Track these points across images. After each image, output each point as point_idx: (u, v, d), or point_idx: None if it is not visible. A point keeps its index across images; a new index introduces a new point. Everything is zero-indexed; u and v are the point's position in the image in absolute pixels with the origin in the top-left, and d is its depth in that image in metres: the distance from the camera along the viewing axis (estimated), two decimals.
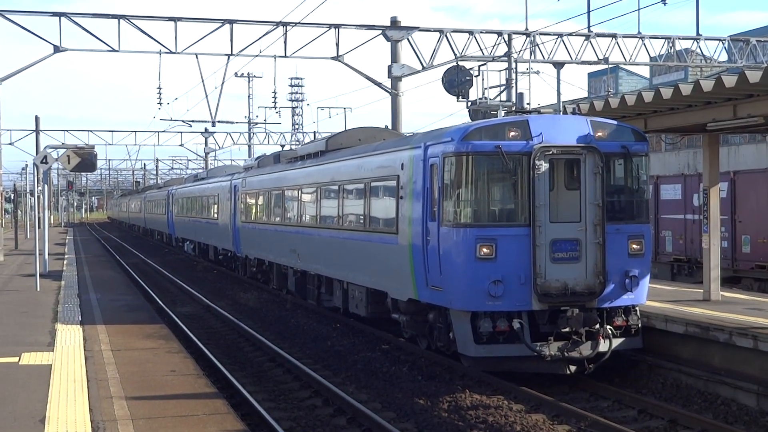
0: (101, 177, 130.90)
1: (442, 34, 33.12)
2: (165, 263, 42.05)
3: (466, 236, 14.27)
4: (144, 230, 73.37)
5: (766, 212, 25.37)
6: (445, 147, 14.79)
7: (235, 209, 32.22)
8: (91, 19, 31.88)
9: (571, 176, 14.51)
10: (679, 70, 49.90)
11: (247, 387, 14.44)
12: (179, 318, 22.26)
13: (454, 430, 12.03)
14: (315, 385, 14.70)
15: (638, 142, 15.00)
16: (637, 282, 14.63)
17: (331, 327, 20.98)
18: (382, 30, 32.13)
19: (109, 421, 10.65)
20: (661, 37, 36.75)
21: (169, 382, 13.12)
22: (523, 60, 33.22)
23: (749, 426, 12.16)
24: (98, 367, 14.05)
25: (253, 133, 69.86)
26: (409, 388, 14.57)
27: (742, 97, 14.92)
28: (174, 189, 52.44)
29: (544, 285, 14.17)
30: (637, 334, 14.83)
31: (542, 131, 14.35)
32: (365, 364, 16.66)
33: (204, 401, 11.81)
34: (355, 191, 19.36)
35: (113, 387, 12.58)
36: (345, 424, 12.54)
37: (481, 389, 14.15)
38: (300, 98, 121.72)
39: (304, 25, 32.37)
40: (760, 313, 15.66)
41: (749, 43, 37.75)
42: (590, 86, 60.95)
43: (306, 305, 24.24)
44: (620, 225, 14.65)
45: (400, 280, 16.59)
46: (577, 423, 12.17)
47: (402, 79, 32.18)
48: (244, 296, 27.78)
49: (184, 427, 10.50)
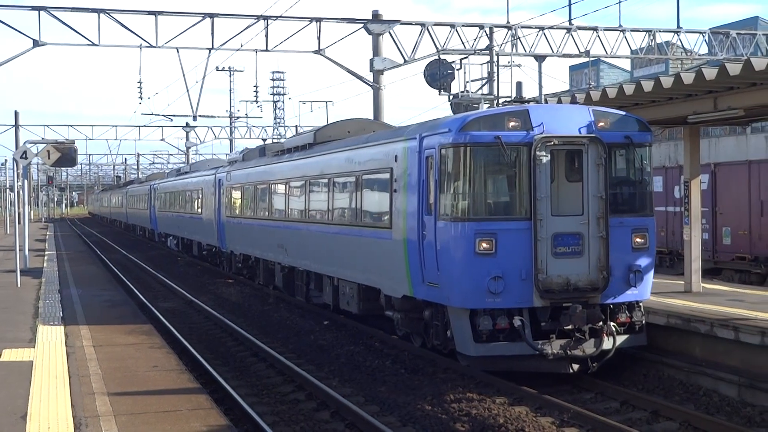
0: (82, 172, 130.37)
1: (423, 28, 33.11)
2: (147, 258, 41.89)
3: (464, 230, 13.76)
4: (126, 225, 72.99)
5: (747, 204, 25.53)
6: (442, 138, 14.24)
7: (220, 203, 31.75)
8: (71, 13, 31.61)
9: (571, 168, 14.06)
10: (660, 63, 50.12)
11: (230, 382, 14.40)
12: (161, 313, 22.19)
13: (437, 423, 12.04)
14: (298, 380, 14.68)
15: (642, 132, 14.50)
16: (641, 277, 14.19)
17: (314, 321, 20.95)
18: (363, 23, 32.08)
19: (91, 417, 10.60)
20: (642, 30, 36.87)
21: (152, 377, 13.07)
22: (505, 53, 33.22)
23: (731, 417, 12.22)
24: (80, 362, 13.98)
25: (234, 128, 69.65)
26: (393, 381, 14.58)
27: (722, 90, 14.99)
28: (156, 183, 51.93)
29: (546, 281, 13.69)
30: (641, 330, 14.39)
31: (543, 121, 13.83)
32: (348, 358, 16.65)
33: (187, 396, 11.77)
34: (345, 184, 18.82)
35: (95, 383, 12.52)
36: (328, 418, 12.54)
37: (464, 382, 14.16)
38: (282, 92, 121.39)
39: (285, 19, 32.27)
40: (741, 305, 15.75)
41: (729, 36, 37.94)
42: (572, 79, 61.05)
43: (289, 300, 24.20)
44: (624, 218, 14.18)
45: (394, 276, 16.09)
46: (560, 415, 12.21)
47: (384, 72, 32.15)
48: (226, 291, 27.73)
49: (167, 422, 10.46)
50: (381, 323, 18.57)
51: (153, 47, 32.29)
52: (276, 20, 32.21)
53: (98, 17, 31.29)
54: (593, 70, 55.25)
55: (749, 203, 25.44)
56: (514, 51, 34.49)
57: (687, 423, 11.85)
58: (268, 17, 32.13)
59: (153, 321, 20.59)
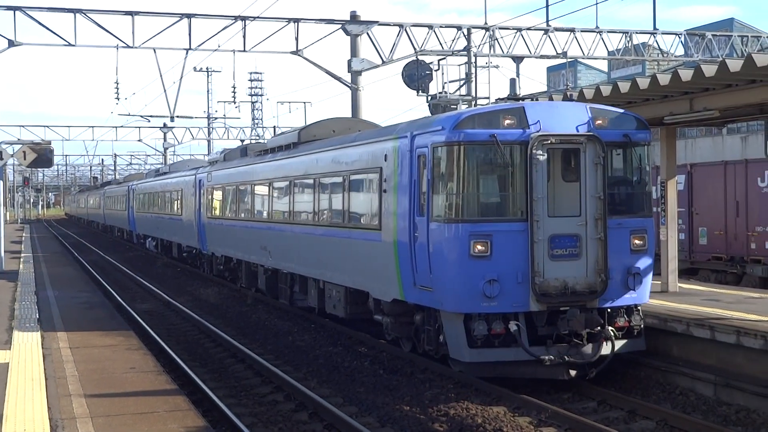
0: (58, 173, 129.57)
1: (401, 29, 33.15)
2: (125, 260, 41.69)
3: (458, 232, 13.26)
4: (104, 227, 72.58)
5: (723, 205, 25.72)
6: (434, 136, 13.77)
7: (200, 204, 31.16)
8: (47, 13, 31.45)
9: (568, 167, 13.58)
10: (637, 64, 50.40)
11: (209, 383, 14.36)
12: (139, 315, 22.09)
13: (415, 424, 12.05)
14: (277, 381, 14.65)
15: (640, 131, 14.06)
16: (640, 280, 13.78)
17: (293, 322, 20.92)
18: (341, 24, 32.08)
19: (68, 419, 10.53)
20: (619, 32, 37.11)
21: (129, 379, 13.00)
22: (483, 54, 33.36)
23: (707, 415, 12.31)
24: (56, 364, 13.89)
25: (212, 128, 69.45)
26: (371, 382, 14.58)
27: (698, 91, 15.09)
28: (135, 184, 51.30)
29: (543, 284, 13.22)
30: (639, 335, 13.97)
31: (540, 119, 13.36)
32: (327, 359, 16.64)
33: (164, 398, 11.71)
34: (332, 185, 18.24)
35: (72, 385, 12.44)
36: (307, 419, 12.52)
37: (443, 382, 14.18)
38: (259, 93, 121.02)
39: (263, 20, 32.22)
40: (717, 304, 15.86)
41: (705, 38, 38.23)
42: (549, 80, 61.30)
43: (267, 301, 24.15)
44: (622, 219, 13.74)
45: (383, 279, 15.60)
46: (538, 414, 12.25)
47: (362, 73, 32.15)
48: (204, 292, 27.63)
49: (144, 424, 10.41)
50: (368, 327, 18.17)
51: (130, 47, 32.19)
52: (254, 21, 32.17)
53: (74, 17, 31.15)
54: (570, 71, 55.51)
55: (725, 204, 25.63)
56: (492, 52, 34.63)
57: (664, 422, 11.91)
58: (245, 18, 32.08)
59: (130, 323, 20.49)
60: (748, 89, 14.17)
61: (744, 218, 24.95)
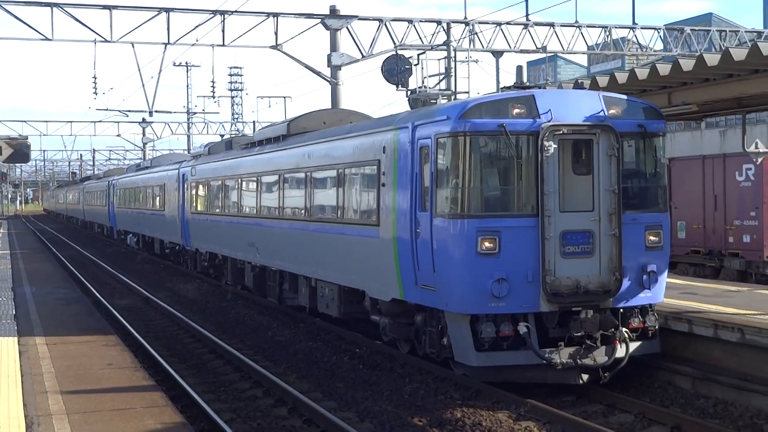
0: (36, 168, 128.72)
1: (381, 23, 33.10)
2: (104, 256, 41.47)
3: (464, 228, 12.50)
4: (83, 223, 72.08)
5: (701, 199, 25.83)
6: (438, 127, 12.99)
7: (184, 200, 30.27)
8: (24, 6, 31.18)
9: (578, 159, 12.81)
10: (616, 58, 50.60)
11: (187, 379, 14.28)
12: (117, 310, 21.97)
13: (395, 418, 12.03)
14: (256, 376, 14.60)
15: (655, 120, 13.35)
16: (656, 278, 13.06)
17: (272, 317, 20.86)
18: (321, 19, 31.99)
19: (44, 415, 10.44)
20: (598, 26, 37.20)
21: (106, 375, 12.92)
22: (462, 49, 33.34)
23: (685, 408, 12.36)
24: (32, 361, 13.78)
25: (191, 123, 69.19)
26: (351, 377, 14.55)
27: (676, 85, 15.14)
28: (115, 179, 50.51)
29: (554, 283, 12.51)
30: (654, 336, 13.30)
31: (551, 108, 12.60)
32: (306, 354, 16.60)
33: (141, 394, 11.64)
34: (326, 179, 17.45)
35: (48, 381, 12.35)
36: (286, 414, 12.48)
37: (421, 377, 14.17)
38: (239, 88, 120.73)
39: (241, 14, 32.06)
40: (695, 298, 15.91)
41: (684, 32, 38.39)
42: (529, 75, 61.44)
43: (248, 297, 24.06)
44: (637, 214, 13.02)
45: (382, 277, 14.80)
46: (517, 408, 12.25)
47: (342, 68, 32.09)
48: (184, 288, 27.51)
49: (121, 420, 10.34)
50: (362, 328, 17.56)
51: (108, 42, 31.96)
52: (232, 15, 32.02)
53: (51, 11, 30.88)
54: (550, 65, 55.71)
55: (703, 198, 25.75)
56: (472, 46, 34.64)
57: (642, 415, 11.95)
58: (224, 12, 31.93)
59: (108, 319, 20.38)
60: (726, 83, 14.24)
61: (722, 212, 25.07)
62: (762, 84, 13.78)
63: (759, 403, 12.03)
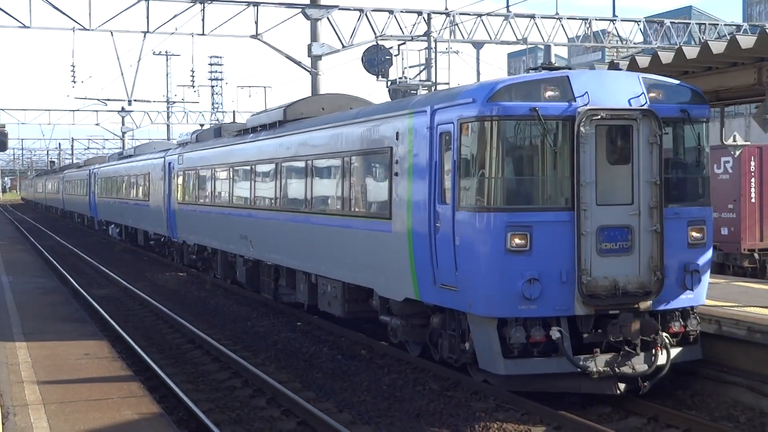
0: (14, 157, 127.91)
1: (362, 13, 33.04)
2: (83, 246, 41.20)
3: (492, 223, 11.38)
4: (63, 212, 71.49)
5: None
6: (462, 110, 11.85)
7: (171, 189, 29.11)
8: None
9: (614, 147, 11.78)
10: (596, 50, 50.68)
11: (165, 369, 14.24)
12: (95, 300, 21.86)
13: (373, 409, 12.04)
14: (234, 366, 14.57)
15: (699, 105, 12.30)
16: (699, 278, 12.01)
17: (251, 308, 20.82)
18: (301, 8, 31.84)
19: (20, 405, 10.39)
20: (579, 18, 37.30)
21: (83, 365, 12.87)
22: (443, 40, 33.32)
23: (664, 401, 12.42)
24: (9, 351, 13.71)
25: (171, 112, 68.88)
26: (329, 368, 14.55)
27: None
28: (97, 168, 49.31)
29: (591, 284, 11.43)
30: (695, 342, 12.22)
31: (587, 90, 11.57)
32: (285, 344, 16.58)
33: (119, 384, 11.61)
34: (329, 168, 16.32)
35: (24, 371, 12.29)
36: (264, 404, 12.46)
37: (400, 368, 14.19)
38: (219, 77, 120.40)
39: (221, 3, 31.89)
40: None
41: (663, 25, 38.55)
42: (510, 66, 61.50)
43: (227, 287, 23.99)
44: (679, 208, 11.99)
45: (394, 275, 13.64)
46: (494, 400, 12.27)
47: (322, 58, 31.96)
48: (162, 278, 27.42)
49: (98, 410, 10.31)
50: (365, 327, 16.74)
51: (86, 30, 31.73)
52: (212, 3, 31.84)
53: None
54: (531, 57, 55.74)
55: None
56: (452, 38, 34.64)
57: (618, 405, 11.99)
58: (204, 0, 31.74)
59: (87, 308, 20.29)
60: (705, 76, 14.30)
61: None
62: (740, 77, 13.85)
63: (734, 394, 12.11)
